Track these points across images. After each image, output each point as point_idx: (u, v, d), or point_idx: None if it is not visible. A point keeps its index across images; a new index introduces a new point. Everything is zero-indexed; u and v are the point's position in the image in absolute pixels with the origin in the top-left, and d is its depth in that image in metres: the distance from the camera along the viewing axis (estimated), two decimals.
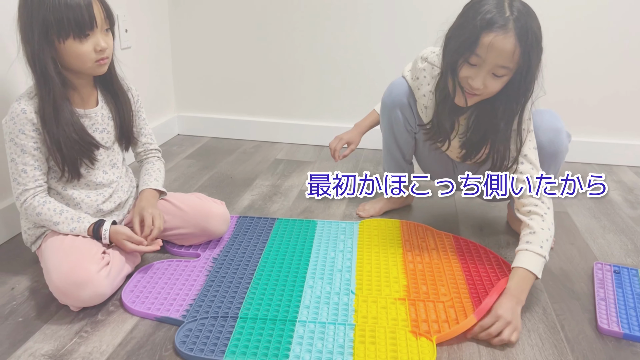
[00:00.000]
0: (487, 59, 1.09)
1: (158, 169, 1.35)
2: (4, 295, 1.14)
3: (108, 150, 1.23)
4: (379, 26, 2.11)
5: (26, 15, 1.05)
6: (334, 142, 1.55)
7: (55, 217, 1.12)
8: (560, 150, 1.30)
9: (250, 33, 2.21)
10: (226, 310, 1.08)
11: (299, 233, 1.44)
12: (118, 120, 1.24)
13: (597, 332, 1.08)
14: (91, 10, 1.05)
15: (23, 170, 1.11)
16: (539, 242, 1.13)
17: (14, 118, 1.09)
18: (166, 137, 2.30)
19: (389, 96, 1.41)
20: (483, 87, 1.13)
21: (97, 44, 1.08)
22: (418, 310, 1.11)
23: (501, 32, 1.06)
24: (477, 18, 1.08)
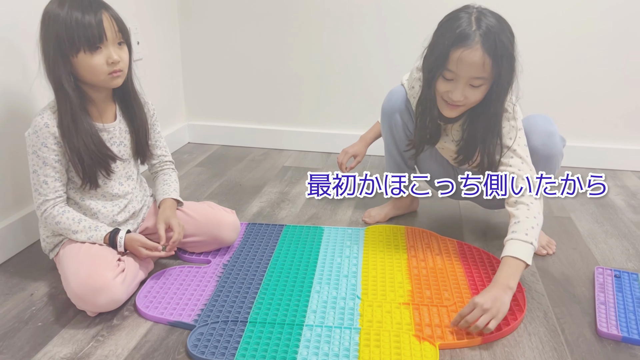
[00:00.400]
0: (459, 72, 1.16)
1: (175, 180, 1.40)
2: (24, 300, 1.19)
3: (124, 163, 1.28)
4: (385, 35, 2.15)
5: (43, 32, 1.11)
6: (340, 155, 1.63)
7: (73, 226, 1.17)
8: (554, 153, 1.33)
9: (258, 43, 2.26)
10: (236, 315, 1.12)
11: (306, 239, 1.48)
12: (134, 134, 1.29)
13: (597, 335, 1.10)
14: (101, 26, 1.10)
15: (44, 181, 1.16)
16: (524, 230, 1.17)
17: (37, 132, 1.14)
18: (177, 145, 2.35)
19: (389, 102, 1.46)
20: (464, 99, 1.20)
21: (109, 56, 1.12)
22: (422, 315, 1.14)
23: (468, 47, 1.14)
24: (446, 35, 1.16)
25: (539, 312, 1.18)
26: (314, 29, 2.21)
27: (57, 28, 1.09)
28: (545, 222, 1.58)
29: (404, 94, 1.43)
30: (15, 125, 1.36)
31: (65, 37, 1.09)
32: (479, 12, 1.17)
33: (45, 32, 1.11)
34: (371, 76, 2.21)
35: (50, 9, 1.10)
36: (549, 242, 1.47)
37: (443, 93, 1.22)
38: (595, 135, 2.15)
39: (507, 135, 1.27)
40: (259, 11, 2.22)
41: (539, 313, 1.18)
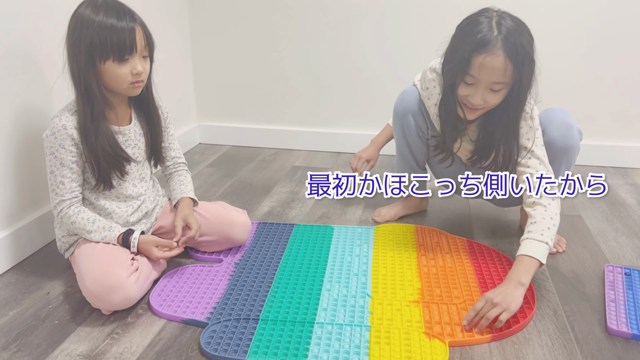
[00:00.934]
0: (481, 78, 1.17)
1: (189, 180, 1.43)
2: (41, 299, 1.21)
3: (138, 165, 1.30)
4: (393, 34, 2.16)
5: (75, 35, 1.13)
6: (354, 161, 1.63)
7: (88, 226, 1.20)
8: (572, 145, 1.33)
9: (268, 44, 2.28)
10: (248, 313, 1.14)
11: (316, 238, 1.50)
12: (149, 137, 1.31)
13: (607, 332, 1.11)
14: (133, 36, 1.13)
15: (61, 182, 1.19)
16: (540, 230, 1.18)
17: (55, 133, 1.17)
18: (188, 146, 2.38)
19: (401, 103, 1.46)
20: (483, 103, 1.20)
21: (134, 67, 1.15)
22: (432, 313, 1.15)
23: (490, 52, 1.14)
24: (467, 40, 1.16)
25: (549, 309, 1.19)
26: (326, 29, 2.22)
27: (90, 33, 1.11)
28: None
29: (417, 94, 1.44)
30: (33, 126, 1.39)
31: (99, 43, 1.11)
32: (499, 16, 1.17)
33: (77, 35, 1.12)
34: (381, 76, 2.22)
35: (84, 13, 1.12)
36: (559, 240, 1.47)
37: (463, 97, 1.23)
38: (605, 133, 2.14)
39: (525, 135, 1.27)
40: (269, 12, 2.24)
41: (549, 311, 1.18)
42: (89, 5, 1.13)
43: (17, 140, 1.35)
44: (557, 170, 1.35)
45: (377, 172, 2.06)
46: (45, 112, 1.42)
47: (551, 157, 1.31)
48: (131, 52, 1.14)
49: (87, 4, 1.14)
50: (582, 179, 1.34)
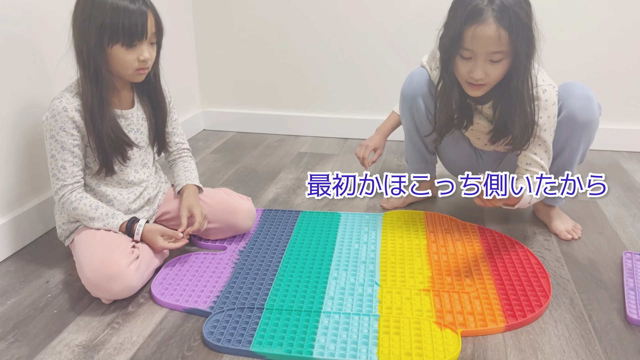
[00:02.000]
0: (476, 50, 1.13)
1: (194, 167, 1.39)
2: (40, 288, 1.18)
3: (140, 150, 1.26)
4: (398, 16, 2.10)
5: (85, 14, 1.08)
6: (360, 150, 1.56)
7: (90, 213, 1.16)
8: (592, 119, 1.28)
9: (272, 28, 2.23)
10: (252, 302, 1.10)
11: (322, 225, 1.46)
12: (153, 121, 1.28)
13: (626, 322, 1.06)
14: (145, 21, 1.09)
15: (62, 166, 1.15)
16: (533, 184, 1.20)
17: (55, 115, 1.12)
18: (192, 133, 2.34)
19: (409, 85, 1.41)
20: (485, 76, 1.16)
21: (140, 54, 1.12)
22: (443, 301, 1.11)
23: (481, 22, 1.11)
24: (459, 13, 1.14)
25: (565, 298, 1.14)
26: (330, 13, 2.16)
27: (102, 14, 1.06)
28: (570, 206, 1.56)
29: (427, 76, 1.38)
30: (32, 111, 1.35)
31: (110, 25, 1.07)
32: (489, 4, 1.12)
33: (87, 14, 1.08)
34: (387, 59, 2.17)
35: (103, 2, 1.07)
36: (575, 226, 1.42)
37: (464, 74, 1.19)
38: (621, 117, 2.08)
39: (543, 126, 1.24)
40: None
41: (565, 299, 1.14)
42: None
43: (16, 125, 1.31)
44: (577, 146, 1.30)
45: (384, 159, 2.02)
46: (45, 96, 1.38)
47: (570, 131, 1.27)
48: (141, 38, 1.10)
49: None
50: (582, 179, 1.29)
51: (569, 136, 1.28)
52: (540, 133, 1.24)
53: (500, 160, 1.46)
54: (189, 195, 1.29)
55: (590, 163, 1.95)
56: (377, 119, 2.21)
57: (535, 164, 1.26)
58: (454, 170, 1.56)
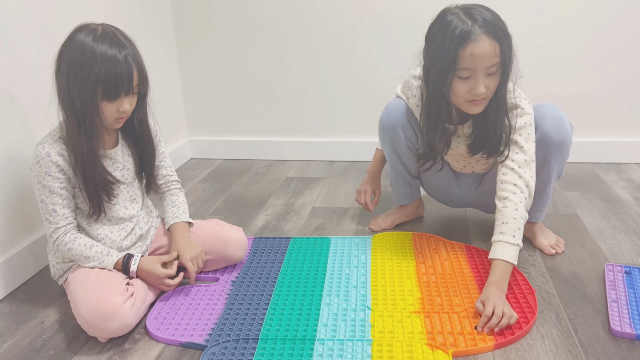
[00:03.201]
0: (476, 67, 1.17)
1: (183, 200, 1.40)
2: (35, 329, 1.19)
3: (128, 186, 1.28)
4: (381, 42, 2.16)
5: (77, 65, 1.09)
6: (361, 197, 1.64)
7: (85, 252, 1.18)
8: (566, 139, 1.33)
9: (256, 55, 2.27)
10: (247, 332, 1.12)
11: (313, 251, 1.48)
12: (137, 156, 1.29)
13: (610, 334, 1.10)
14: (131, 78, 1.12)
15: (53, 210, 1.17)
16: (512, 231, 1.21)
17: (40, 162, 1.15)
18: (180, 162, 2.36)
19: (387, 116, 1.44)
20: (487, 90, 1.20)
21: (121, 105, 1.14)
22: (433, 323, 1.14)
23: (475, 41, 1.15)
24: (447, 40, 1.17)
25: (551, 313, 1.17)
26: (313, 39, 2.21)
27: (95, 69, 1.08)
28: (552, 220, 1.61)
29: (403, 106, 1.42)
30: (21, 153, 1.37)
31: (103, 81, 1.09)
32: (462, 9, 1.19)
33: (80, 65, 1.09)
34: (371, 83, 2.22)
35: (85, 42, 1.09)
36: (558, 240, 1.46)
37: (464, 94, 1.21)
38: (598, 129, 2.14)
39: (519, 130, 1.27)
40: (256, 23, 2.22)
41: (551, 314, 1.17)
42: (89, 33, 1.10)
43: (5, 166, 1.33)
44: (553, 165, 1.35)
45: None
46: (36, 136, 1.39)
47: (546, 152, 1.31)
48: (127, 93, 1.14)
49: (86, 31, 1.11)
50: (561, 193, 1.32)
51: (544, 157, 1.32)
52: (515, 137, 1.27)
53: (479, 182, 1.50)
54: (177, 239, 1.29)
55: (570, 175, 2.01)
56: (363, 141, 2.27)
57: (511, 172, 1.25)
58: (434, 193, 1.60)
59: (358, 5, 2.14)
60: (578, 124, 2.09)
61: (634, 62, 2.04)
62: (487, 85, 1.20)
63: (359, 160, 2.31)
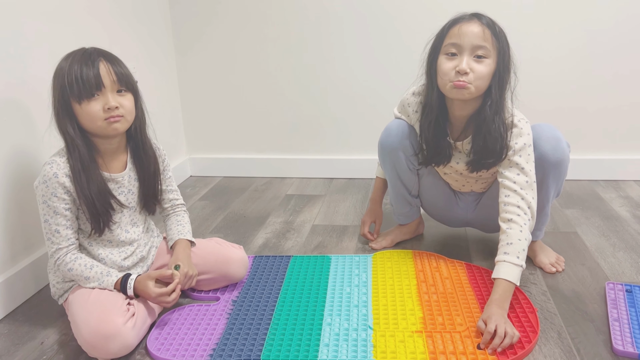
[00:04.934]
0: (462, 42, 1.22)
1: (187, 221, 1.40)
2: (34, 350, 1.18)
3: (130, 210, 1.28)
4: (380, 60, 2.18)
5: (52, 84, 1.16)
6: (362, 228, 1.68)
7: (85, 272, 1.18)
8: (563, 158, 1.34)
9: (255, 73, 2.29)
10: (248, 354, 1.11)
11: (314, 270, 1.48)
12: (143, 181, 1.29)
13: (613, 353, 1.09)
14: (97, 71, 1.13)
15: (56, 230, 1.17)
16: (516, 252, 1.21)
17: (47, 182, 1.15)
18: (179, 180, 2.36)
19: (388, 138, 1.45)
20: (470, 72, 1.22)
21: (106, 102, 1.14)
22: (435, 342, 1.13)
23: (466, 20, 1.23)
24: (444, 26, 1.27)
25: (553, 332, 1.17)
26: (311, 57, 2.23)
27: (61, 80, 1.13)
28: (551, 238, 1.61)
29: (404, 126, 1.43)
30: (22, 171, 1.37)
31: (67, 87, 1.12)
32: (472, 13, 1.26)
33: (53, 84, 1.16)
34: (370, 101, 2.23)
35: (59, 64, 1.16)
36: (558, 259, 1.47)
37: (449, 71, 1.23)
38: (596, 147, 2.16)
39: (519, 152, 1.28)
40: (254, 42, 2.25)
41: (553, 334, 1.17)
42: (65, 57, 1.16)
43: (5, 185, 1.33)
44: (551, 185, 1.36)
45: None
46: (35, 156, 1.40)
47: (543, 172, 1.32)
48: (99, 88, 1.13)
49: (65, 57, 1.16)
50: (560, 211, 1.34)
51: (542, 176, 1.33)
52: (515, 158, 1.28)
53: (478, 201, 1.51)
54: (178, 252, 1.30)
55: (569, 193, 2.02)
56: (362, 159, 2.28)
57: (513, 194, 1.26)
58: (433, 212, 1.61)
59: (360, 26, 2.16)
60: (577, 141, 2.12)
61: (633, 79, 2.06)
62: (472, 68, 1.22)
63: (358, 177, 2.32)
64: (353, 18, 2.15)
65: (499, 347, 1.08)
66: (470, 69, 1.22)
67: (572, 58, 2.07)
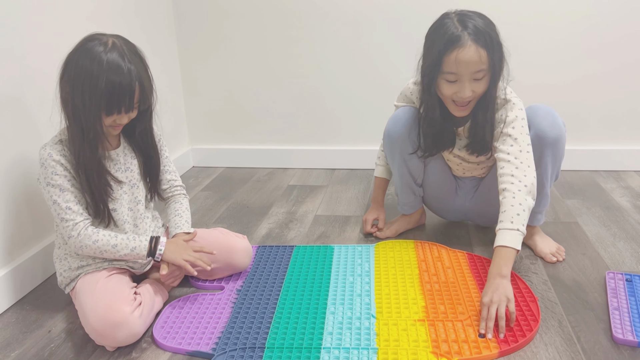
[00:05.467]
0: (460, 72, 1.23)
1: (186, 208, 1.41)
2: (42, 338, 1.20)
3: (132, 188, 1.29)
4: (383, 52, 2.18)
5: (85, 77, 1.10)
6: (366, 226, 1.66)
7: (112, 240, 1.19)
8: (561, 134, 1.35)
9: (256, 64, 2.29)
10: (253, 341, 1.13)
11: (317, 259, 1.49)
12: (142, 161, 1.30)
13: (613, 342, 1.11)
14: (132, 97, 1.14)
15: (68, 207, 1.17)
16: (509, 218, 1.23)
17: (44, 164, 1.16)
18: (182, 170, 2.37)
19: (394, 126, 1.46)
20: (472, 94, 1.25)
21: (118, 118, 1.16)
22: (438, 331, 1.15)
23: (461, 46, 1.21)
24: (436, 43, 1.24)
25: (554, 321, 1.19)
26: (314, 48, 2.23)
27: (101, 84, 1.09)
28: (552, 227, 1.62)
29: (411, 112, 1.44)
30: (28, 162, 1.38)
31: (106, 97, 1.11)
32: (458, 15, 1.25)
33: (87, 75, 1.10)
34: (373, 91, 2.24)
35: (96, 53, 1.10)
36: (558, 248, 1.48)
37: (452, 95, 1.27)
38: (597, 137, 2.17)
39: (511, 123, 1.30)
40: (258, 32, 2.24)
41: (554, 322, 1.18)
42: (100, 44, 1.11)
43: (11, 175, 1.34)
44: (548, 163, 1.37)
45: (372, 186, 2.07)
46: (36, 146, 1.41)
47: (542, 150, 1.34)
48: (128, 110, 1.16)
49: (98, 42, 1.12)
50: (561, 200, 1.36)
51: (541, 155, 1.35)
52: (508, 130, 1.30)
53: (477, 188, 1.53)
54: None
55: (570, 183, 2.03)
56: (364, 149, 2.29)
57: (507, 164, 1.28)
58: (433, 202, 1.63)
59: (362, 16, 2.16)
60: (577, 131, 2.13)
61: (634, 69, 2.06)
62: (474, 90, 1.25)
63: (360, 168, 2.33)
64: (356, 12, 2.15)
65: (501, 331, 1.11)
66: (472, 91, 1.25)
67: (573, 48, 2.07)
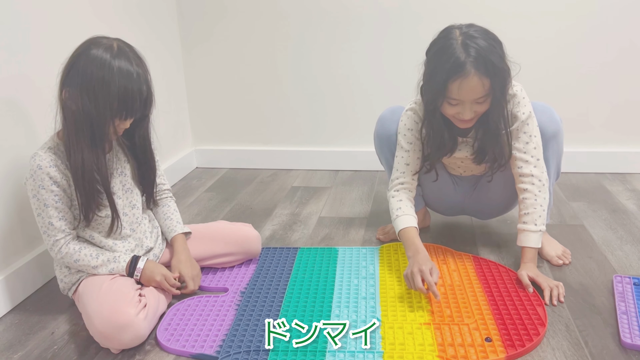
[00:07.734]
0: (463, 98, 1.22)
1: (174, 209, 1.43)
2: (45, 340, 1.19)
3: (126, 193, 1.29)
4: (386, 53, 2.17)
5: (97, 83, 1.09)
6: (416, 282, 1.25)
7: (92, 262, 1.19)
8: (559, 129, 1.39)
9: (260, 66, 2.28)
10: (257, 344, 1.12)
11: (321, 261, 1.48)
12: (136, 165, 1.30)
13: (621, 346, 1.10)
14: (143, 101, 1.14)
15: (49, 223, 1.17)
16: (533, 220, 1.33)
17: (33, 175, 1.15)
18: (185, 171, 2.37)
19: (382, 128, 1.51)
20: (474, 114, 1.26)
21: (122, 125, 1.17)
22: (444, 334, 1.14)
23: (464, 76, 1.19)
24: (439, 68, 1.22)
25: (561, 325, 1.18)
26: (317, 49, 2.23)
27: (113, 90, 1.09)
28: (558, 230, 1.61)
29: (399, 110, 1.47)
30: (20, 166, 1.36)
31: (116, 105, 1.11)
32: (463, 35, 1.20)
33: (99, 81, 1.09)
34: (376, 92, 2.23)
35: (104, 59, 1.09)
36: (564, 251, 1.47)
37: (454, 114, 1.27)
38: (603, 140, 2.15)
39: (527, 120, 1.32)
40: (260, 34, 2.24)
41: (561, 326, 1.17)
42: (106, 50, 1.10)
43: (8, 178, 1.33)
44: (549, 159, 1.39)
45: (377, 189, 2.06)
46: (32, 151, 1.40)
47: (544, 145, 1.36)
48: (140, 114, 1.17)
49: (103, 48, 1.10)
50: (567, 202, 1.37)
51: (543, 149, 1.36)
52: (523, 127, 1.32)
53: (475, 186, 1.52)
54: (179, 253, 1.34)
55: (575, 186, 2.01)
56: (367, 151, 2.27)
57: (525, 164, 1.33)
58: (431, 198, 1.60)
59: (368, 21, 2.15)
60: (583, 133, 2.12)
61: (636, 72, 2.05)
62: (476, 110, 1.26)
63: (364, 169, 2.32)
64: (360, 13, 2.14)
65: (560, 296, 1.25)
66: (475, 112, 1.26)
67: (579, 49, 2.06)
